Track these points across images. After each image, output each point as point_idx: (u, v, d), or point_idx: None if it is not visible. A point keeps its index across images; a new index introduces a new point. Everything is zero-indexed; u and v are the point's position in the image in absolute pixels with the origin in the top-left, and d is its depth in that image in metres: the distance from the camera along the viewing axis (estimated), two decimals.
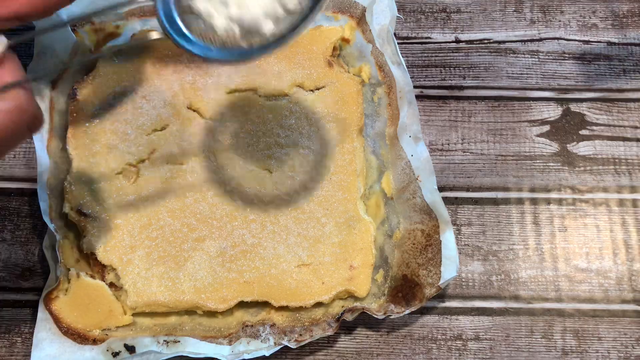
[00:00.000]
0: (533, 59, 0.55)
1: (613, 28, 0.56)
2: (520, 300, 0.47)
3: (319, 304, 0.45)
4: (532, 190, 0.51)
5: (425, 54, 0.55)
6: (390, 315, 0.45)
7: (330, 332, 0.44)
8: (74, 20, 0.51)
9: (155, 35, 0.37)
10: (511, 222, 0.50)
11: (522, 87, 0.54)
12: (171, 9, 0.35)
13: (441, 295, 0.47)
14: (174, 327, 0.45)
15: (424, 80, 0.54)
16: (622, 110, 0.53)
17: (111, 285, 0.45)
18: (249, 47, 0.35)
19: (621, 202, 0.50)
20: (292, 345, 0.44)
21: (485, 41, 0.56)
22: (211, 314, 0.45)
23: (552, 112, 0.53)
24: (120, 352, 0.43)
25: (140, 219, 0.46)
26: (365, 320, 0.46)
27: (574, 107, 0.54)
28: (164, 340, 0.44)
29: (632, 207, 0.50)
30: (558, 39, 0.56)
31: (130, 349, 0.43)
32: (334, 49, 0.52)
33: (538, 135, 0.52)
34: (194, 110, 0.49)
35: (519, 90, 0.54)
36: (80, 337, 0.44)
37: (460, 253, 0.48)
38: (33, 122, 0.30)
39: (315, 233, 0.46)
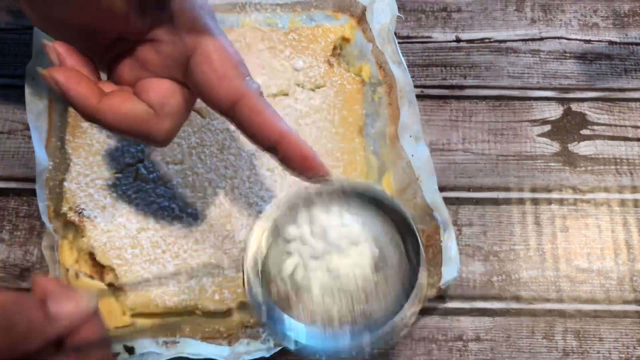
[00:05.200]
0: (534, 59, 0.55)
1: (614, 27, 0.56)
2: (521, 301, 0.47)
3: None
4: (533, 190, 0.51)
5: (426, 54, 0.55)
6: None
7: None
8: None
9: None
10: (512, 223, 0.49)
11: (523, 87, 0.54)
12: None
13: (442, 296, 0.47)
14: (173, 328, 0.45)
15: (425, 80, 0.54)
16: (624, 109, 0.53)
17: (110, 285, 0.45)
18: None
19: (623, 202, 0.50)
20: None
21: (486, 40, 0.55)
22: (211, 314, 0.45)
23: (553, 111, 0.53)
24: (119, 353, 0.43)
25: (139, 219, 0.46)
26: None
27: (575, 106, 0.53)
28: (164, 341, 0.44)
29: (634, 207, 0.50)
30: (559, 38, 0.56)
31: (130, 350, 0.43)
32: (334, 48, 0.52)
33: (539, 135, 0.52)
34: (194, 110, 0.49)
35: (520, 89, 0.54)
36: None
37: (461, 253, 0.48)
38: None
39: None
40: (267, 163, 0.48)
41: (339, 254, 0.35)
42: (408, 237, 0.34)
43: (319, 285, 0.34)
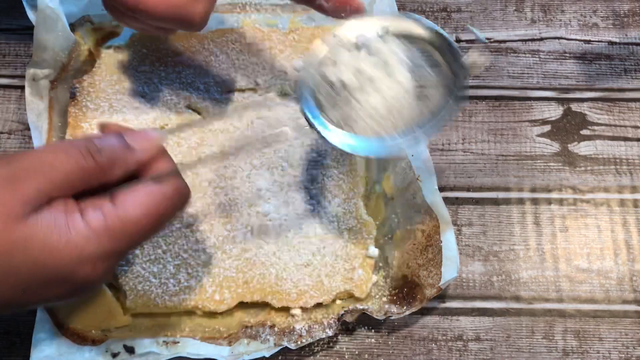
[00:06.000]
0: (534, 59, 0.55)
1: (614, 27, 0.56)
2: (521, 301, 0.47)
3: (319, 305, 0.45)
4: (533, 190, 0.51)
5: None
6: (390, 316, 0.44)
7: (330, 333, 0.44)
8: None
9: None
10: (512, 223, 0.50)
11: (523, 87, 0.54)
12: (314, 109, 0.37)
13: (442, 296, 0.47)
14: (173, 328, 0.45)
15: None
16: (623, 110, 0.53)
17: (110, 286, 0.45)
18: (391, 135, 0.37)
19: (622, 202, 0.50)
20: (292, 346, 0.43)
21: (486, 40, 0.55)
22: (211, 314, 0.45)
23: (553, 111, 0.53)
24: (119, 352, 0.43)
25: None
26: (365, 320, 0.46)
27: (575, 106, 0.53)
28: (164, 341, 0.44)
29: (633, 207, 0.50)
30: (559, 38, 0.56)
31: (130, 350, 0.43)
32: None
33: (539, 135, 0.52)
34: (194, 110, 0.49)
35: (519, 89, 0.54)
36: (79, 338, 0.44)
37: (460, 253, 0.48)
38: (186, 201, 0.34)
39: (315, 233, 0.46)
40: (267, 163, 0.48)
41: (382, 80, 0.37)
42: (446, 49, 0.37)
43: (369, 105, 0.37)
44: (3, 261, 0.29)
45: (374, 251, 0.46)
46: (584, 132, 0.53)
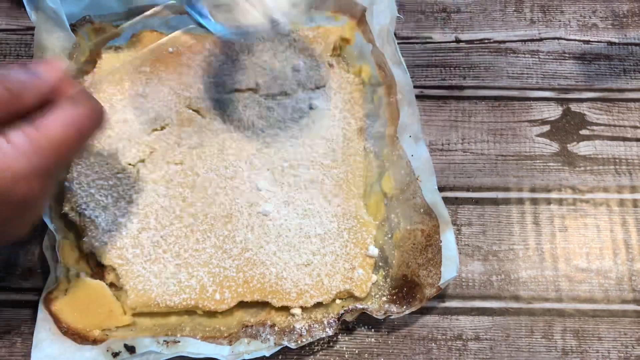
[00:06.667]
0: (533, 59, 0.55)
1: (613, 28, 0.56)
2: (520, 300, 0.47)
3: (319, 304, 0.45)
4: (533, 190, 0.51)
5: (426, 54, 0.55)
6: (390, 316, 0.45)
7: (330, 333, 0.44)
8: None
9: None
10: (511, 222, 0.50)
11: (522, 87, 0.54)
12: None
13: (441, 296, 0.47)
14: (174, 328, 0.45)
15: (424, 80, 0.54)
16: (623, 110, 0.53)
17: (111, 285, 0.45)
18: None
19: (621, 202, 0.50)
20: (292, 345, 0.43)
21: (486, 41, 0.56)
22: (211, 314, 0.45)
23: (553, 112, 0.53)
24: (120, 352, 0.43)
25: (140, 219, 0.46)
26: (365, 320, 0.46)
27: (574, 107, 0.53)
28: (164, 341, 0.44)
29: (633, 207, 0.50)
30: (558, 38, 0.56)
31: (130, 349, 0.43)
32: (334, 48, 0.52)
33: (538, 135, 0.52)
34: (194, 110, 0.49)
35: (519, 90, 0.54)
36: (80, 338, 0.44)
37: (460, 253, 0.48)
38: (102, 119, 0.36)
39: (315, 233, 0.46)
40: (267, 163, 0.48)
41: None
42: None
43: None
44: None
45: (374, 251, 0.47)
46: (583, 132, 0.53)
